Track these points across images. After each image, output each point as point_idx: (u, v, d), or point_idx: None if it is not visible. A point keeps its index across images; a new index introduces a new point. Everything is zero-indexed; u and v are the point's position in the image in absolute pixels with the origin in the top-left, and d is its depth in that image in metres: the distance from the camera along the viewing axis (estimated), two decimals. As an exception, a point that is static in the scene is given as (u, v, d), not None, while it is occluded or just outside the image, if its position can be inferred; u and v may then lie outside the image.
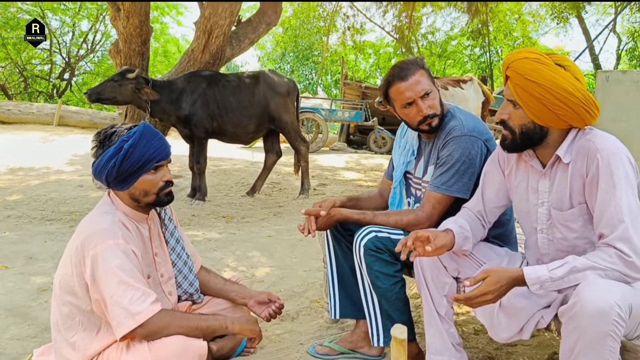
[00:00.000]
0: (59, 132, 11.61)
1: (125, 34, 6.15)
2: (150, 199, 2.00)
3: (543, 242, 1.86)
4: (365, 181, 8.02)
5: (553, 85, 1.65)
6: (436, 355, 2.02)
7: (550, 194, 1.79)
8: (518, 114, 1.75)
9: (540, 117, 1.70)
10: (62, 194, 6.12)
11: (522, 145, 1.79)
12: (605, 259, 1.56)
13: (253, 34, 7.30)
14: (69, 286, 1.91)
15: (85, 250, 1.84)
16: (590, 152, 1.66)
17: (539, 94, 1.66)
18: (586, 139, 1.70)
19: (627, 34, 19.88)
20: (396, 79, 2.17)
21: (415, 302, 2.98)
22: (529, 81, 1.67)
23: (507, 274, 1.65)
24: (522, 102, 1.71)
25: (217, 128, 5.93)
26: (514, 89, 1.72)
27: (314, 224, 2.26)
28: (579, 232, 1.75)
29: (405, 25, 18.46)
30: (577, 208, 1.73)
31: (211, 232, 4.73)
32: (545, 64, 1.68)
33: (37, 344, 2.43)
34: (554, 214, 1.79)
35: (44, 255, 3.81)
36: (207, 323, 1.98)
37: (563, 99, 1.65)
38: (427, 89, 2.16)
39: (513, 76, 1.72)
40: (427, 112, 2.17)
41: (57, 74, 20.04)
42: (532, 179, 1.86)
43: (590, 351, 1.47)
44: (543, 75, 1.66)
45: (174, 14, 19.07)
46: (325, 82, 28.87)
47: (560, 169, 1.76)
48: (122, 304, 1.79)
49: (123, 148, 1.90)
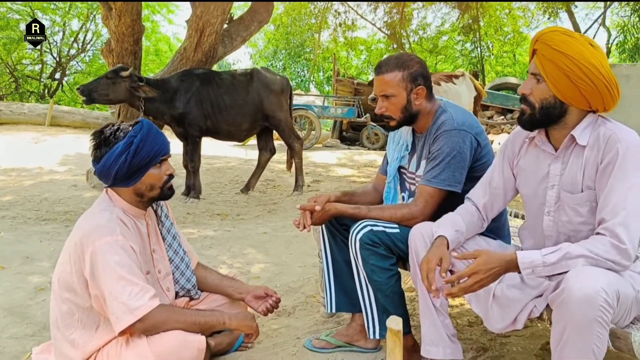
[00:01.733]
0: (51, 132, 11.56)
1: (118, 33, 6.13)
2: (155, 192, 2.04)
3: (548, 224, 1.87)
4: (358, 177, 8.05)
5: (580, 58, 1.66)
6: (431, 347, 2.05)
7: (562, 177, 1.80)
8: (540, 87, 1.75)
9: (563, 92, 1.71)
10: (56, 193, 6.11)
11: (540, 121, 1.79)
12: (598, 247, 1.58)
13: (245, 31, 7.30)
14: (68, 283, 1.92)
15: (84, 246, 1.86)
16: (611, 141, 1.67)
17: (565, 66, 1.68)
18: (607, 127, 1.71)
19: (616, 27, 19.99)
20: (375, 70, 2.28)
21: (410, 295, 3.01)
22: (557, 52, 1.69)
23: (499, 256, 1.67)
24: (547, 75, 1.72)
25: (211, 126, 5.94)
26: (539, 61, 1.73)
27: (309, 219, 2.29)
28: (585, 216, 1.77)
29: (396, 21, 18.49)
30: (586, 193, 1.75)
31: (206, 230, 4.75)
32: (576, 37, 1.71)
33: (36, 342, 2.44)
34: (563, 197, 1.80)
35: (40, 255, 3.82)
36: (205, 319, 2.01)
37: (588, 72, 1.66)
38: (390, 92, 2.22)
39: (541, 48, 1.73)
40: (378, 111, 2.27)
41: (48, 73, 19.92)
42: (542, 163, 1.87)
43: (578, 337, 1.50)
44: (572, 47, 1.68)
45: (165, 12, 19.00)
46: (318, 79, 28.86)
47: (575, 153, 1.77)
48: (121, 299, 1.81)
49: (134, 143, 1.94)
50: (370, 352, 2.42)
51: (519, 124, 1.87)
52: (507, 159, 2.01)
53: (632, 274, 1.73)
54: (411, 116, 2.26)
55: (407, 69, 2.21)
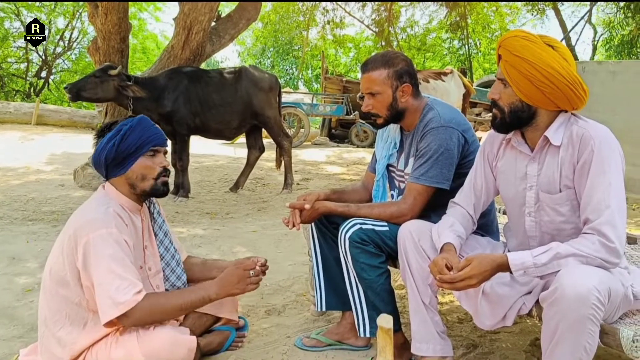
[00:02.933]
0: (38, 131, 11.46)
1: (104, 31, 6.08)
2: (147, 184, 2.04)
3: (531, 225, 1.89)
4: (348, 175, 8.05)
5: (539, 62, 1.69)
6: (421, 344, 2.06)
7: (539, 178, 1.82)
8: (507, 92, 1.79)
9: (528, 96, 1.74)
10: (43, 193, 6.05)
11: (510, 124, 1.82)
12: (588, 246, 1.60)
13: (233, 29, 7.27)
14: (60, 276, 1.92)
15: (78, 238, 1.86)
16: (584, 139, 1.69)
17: (526, 71, 1.71)
18: (579, 126, 1.74)
19: (602, 24, 20.16)
20: (361, 68, 2.29)
21: (399, 293, 3.02)
22: (517, 57, 1.72)
23: (491, 260, 1.68)
24: (511, 80, 1.75)
25: (200, 124, 5.92)
26: (504, 67, 1.77)
27: (298, 217, 2.29)
28: (566, 215, 1.79)
29: (384, 18, 18.52)
30: (565, 193, 1.77)
31: (195, 229, 4.73)
32: (534, 41, 1.73)
33: (24, 344, 2.42)
34: (542, 197, 1.82)
35: (27, 255, 3.78)
36: (190, 299, 1.93)
37: (549, 76, 1.69)
38: (376, 90, 2.23)
39: (504, 54, 1.77)
40: (364, 109, 2.28)
41: (34, 72, 19.71)
42: (520, 164, 1.89)
43: (570, 335, 1.52)
44: (530, 52, 1.71)
45: (152, 10, 18.87)
46: (306, 76, 28.83)
47: (550, 153, 1.80)
48: (109, 292, 1.81)
49: (122, 129, 2.01)
50: (360, 350, 2.42)
51: (493, 128, 1.90)
52: (487, 160, 2.04)
53: (621, 270, 1.75)
54: (398, 114, 2.27)
55: (392, 66, 2.21)
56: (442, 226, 1.99)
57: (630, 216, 5.49)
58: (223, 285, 1.97)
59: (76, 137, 11.02)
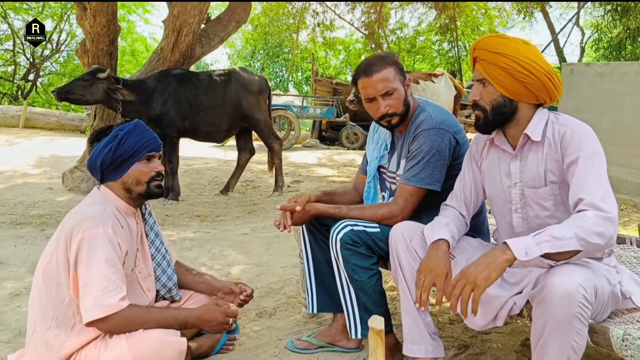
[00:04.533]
0: (25, 134, 11.36)
1: (93, 34, 6.04)
2: (142, 188, 2.05)
3: (518, 221, 1.92)
4: (338, 177, 8.06)
5: (518, 54, 1.77)
6: (413, 345, 2.06)
7: (522, 174, 1.87)
8: (488, 90, 1.84)
9: (510, 89, 1.80)
10: (30, 197, 5.99)
11: (494, 122, 1.86)
12: (587, 221, 1.57)
13: (223, 32, 7.25)
14: (53, 275, 1.91)
15: (74, 234, 1.86)
16: (565, 136, 1.75)
17: (505, 65, 1.77)
18: (560, 123, 1.79)
19: (590, 27, 20.34)
20: (361, 75, 2.22)
21: (391, 294, 3.02)
22: (496, 54, 1.79)
23: (486, 255, 1.63)
24: (490, 76, 1.81)
25: (190, 127, 5.90)
26: (482, 67, 1.83)
27: (289, 219, 2.29)
28: (550, 210, 1.83)
29: (374, 20, 18.57)
30: (550, 187, 1.80)
31: (186, 232, 4.70)
32: (510, 38, 1.84)
33: (11, 349, 2.39)
34: (527, 193, 1.86)
35: (15, 259, 3.73)
36: (169, 322, 1.97)
37: (527, 66, 1.76)
38: (390, 88, 2.19)
39: (481, 54, 1.83)
40: (384, 110, 2.21)
41: (22, 75, 19.56)
42: (503, 162, 1.93)
43: (558, 333, 1.53)
44: (507, 46, 1.79)
45: (141, 12, 18.78)
46: (296, 79, 28.84)
47: (533, 149, 1.84)
48: (95, 292, 1.81)
49: (118, 135, 2.01)
50: (352, 352, 2.42)
51: (477, 130, 1.93)
52: (474, 162, 2.06)
53: (609, 268, 1.77)
54: (408, 108, 2.26)
55: (394, 63, 2.22)
56: (437, 224, 1.99)
57: (620, 216, 5.53)
58: (202, 320, 2.07)
59: (64, 140, 10.93)
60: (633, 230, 4.66)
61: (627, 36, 15.89)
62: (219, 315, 2.08)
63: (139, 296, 2.06)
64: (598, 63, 8.88)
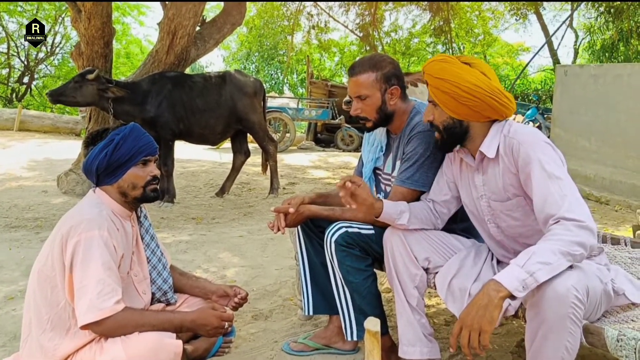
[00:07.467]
0: (20, 137, 11.31)
1: (87, 36, 6.02)
2: (138, 192, 2.05)
3: (494, 230, 1.97)
4: (333, 179, 8.05)
5: (457, 79, 1.81)
6: (408, 346, 2.06)
7: (486, 187, 1.91)
8: (438, 112, 1.91)
9: (456, 111, 1.85)
10: (25, 200, 5.97)
11: (449, 142, 1.94)
12: (564, 234, 1.55)
13: (218, 34, 7.25)
14: (49, 277, 1.91)
15: (70, 237, 1.86)
16: (514, 149, 1.78)
17: (447, 89, 1.83)
18: (509, 137, 1.82)
19: (583, 29, 20.41)
20: (348, 72, 2.29)
21: (386, 296, 3.03)
22: (439, 79, 1.85)
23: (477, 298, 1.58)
24: (438, 100, 1.87)
25: (184, 129, 5.89)
26: (430, 90, 1.89)
27: (283, 221, 2.29)
28: (520, 220, 1.87)
29: (368, 22, 18.59)
30: (515, 200, 1.84)
31: (181, 234, 4.70)
32: (451, 62, 1.86)
33: (6, 353, 2.38)
34: (493, 205, 1.91)
35: (9, 263, 3.72)
36: (163, 325, 1.97)
37: (468, 90, 1.80)
38: (362, 93, 2.21)
39: (427, 79, 1.90)
40: (354, 112, 2.27)
41: (16, 77, 19.48)
42: (469, 175, 1.98)
43: (551, 335, 1.53)
44: (448, 72, 1.83)
45: (136, 14, 18.76)
46: (292, 81, 28.82)
47: (490, 164, 1.88)
48: (90, 295, 1.81)
49: (115, 140, 2.00)
50: (348, 353, 2.42)
51: (438, 150, 2.03)
52: (450, 165, 2.09)
53: (600, 267, 1.78)
54: (387, 117, 2.27)
55: (380, 69, 2.21)
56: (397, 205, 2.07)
57: (614, 217, 5.56)
58: (197, 324, 2.05)
59: (59, 143, 10.90)
60: (627, 231, 4.68)
61: (620, 38, 15.96)
62: (214, 319, 2.07)
63: (134, 299, 2.06)
64: (592, 65, 8.92)
